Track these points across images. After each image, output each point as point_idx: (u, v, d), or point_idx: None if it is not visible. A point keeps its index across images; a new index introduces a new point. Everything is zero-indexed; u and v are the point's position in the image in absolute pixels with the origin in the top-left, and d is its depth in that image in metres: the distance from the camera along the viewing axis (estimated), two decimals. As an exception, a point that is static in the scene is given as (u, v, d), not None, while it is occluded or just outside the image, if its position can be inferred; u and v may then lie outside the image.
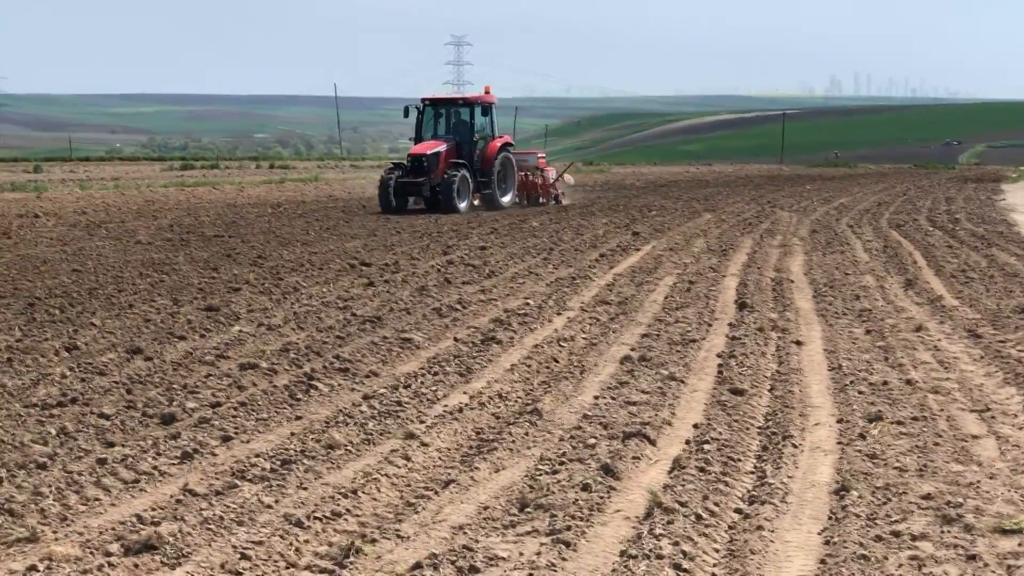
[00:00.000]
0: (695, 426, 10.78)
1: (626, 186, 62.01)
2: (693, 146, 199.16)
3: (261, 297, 19.06)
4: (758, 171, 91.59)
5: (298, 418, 11.38)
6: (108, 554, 7.66)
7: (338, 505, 8.67)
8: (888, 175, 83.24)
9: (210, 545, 7.86)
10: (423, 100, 41.76)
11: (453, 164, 40.02)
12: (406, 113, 41.64)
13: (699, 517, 8.16)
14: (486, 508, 8.60)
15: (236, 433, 10.75)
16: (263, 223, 34.80)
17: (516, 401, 12.13)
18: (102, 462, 9.72)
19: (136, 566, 7.51)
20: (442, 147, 40.21)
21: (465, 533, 8.04)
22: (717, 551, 7.73)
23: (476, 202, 41.18)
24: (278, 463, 9.75)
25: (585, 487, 8.80)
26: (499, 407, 11.87)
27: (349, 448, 10.30)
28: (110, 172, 72.48)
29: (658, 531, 7.81)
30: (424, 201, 40.23)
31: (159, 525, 8.06)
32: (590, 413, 11.27)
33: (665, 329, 15.89)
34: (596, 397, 11.97)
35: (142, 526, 8.17)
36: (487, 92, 42.03)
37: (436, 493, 9.09)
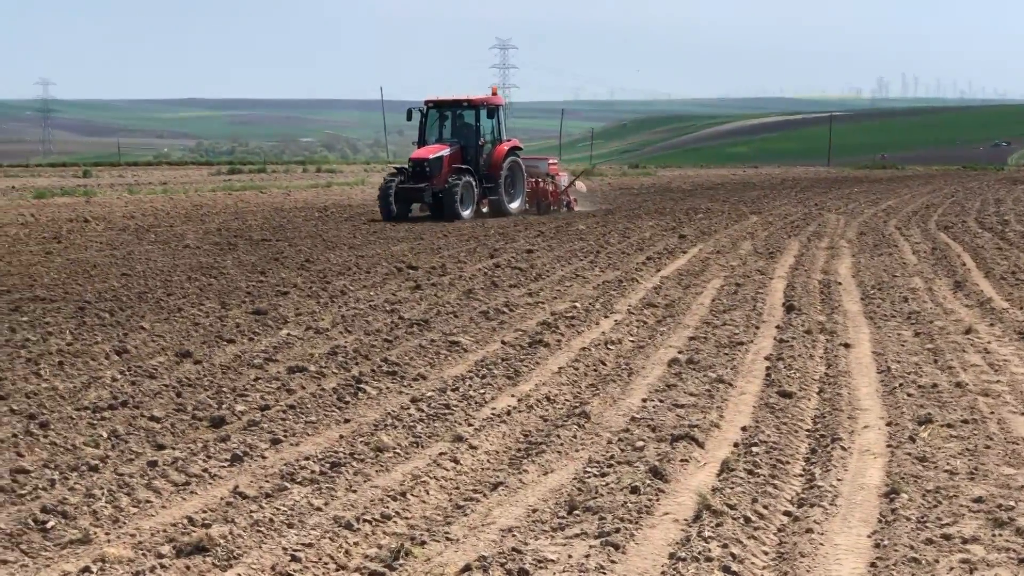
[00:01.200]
0: (743, 429, 10.76)
1: (672, 189, 61.90)
2: (739, 149, 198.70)
3: (309, 300, 19.12)
4: (805, 173, 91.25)
5: (346, 421, 11.42)
6: (160, 556, 7.72)
7: (387, 507, 8.71)
8: (936, 177, 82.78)
9: (260, 547, 7.90)
10: (426, 102, 39.92)
11: (457, 169, 38.12)
12: (409, 116, 39.70)
13: (748, 520, 8.14)
14: (535, 510, 8.61)
15: (285, 436, 10.80)
16: (310, 227, 34.90)
17: (564, 404, 12.14)
18: (153, 464, 9.79)
19: (187, 568, 7.56)
20: (445, 151, 38.27)
21: (514, 535, 8.05)
22: (766, 554, 7.71)
23: (485, 209, 39.53)
24: (327, 466, 9.79)
25: (634, 489, 8.80)
26: (547, 410, 11.88)
27: (398, 451, 10.33)
28: (158, 177, 72.88)
29: (707, 533, 7.80)
30: (428, 208, 38.60)
31: (210, 527, 8.11)
32: (638, 415, 11.26)
33: (712, 332, 15.86)
34: (644, 400, 11.97)
35: (193, 528, 8.23)
36: (494, 93, 40.21)
37: (485, 495, 9.11)
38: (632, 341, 15.55)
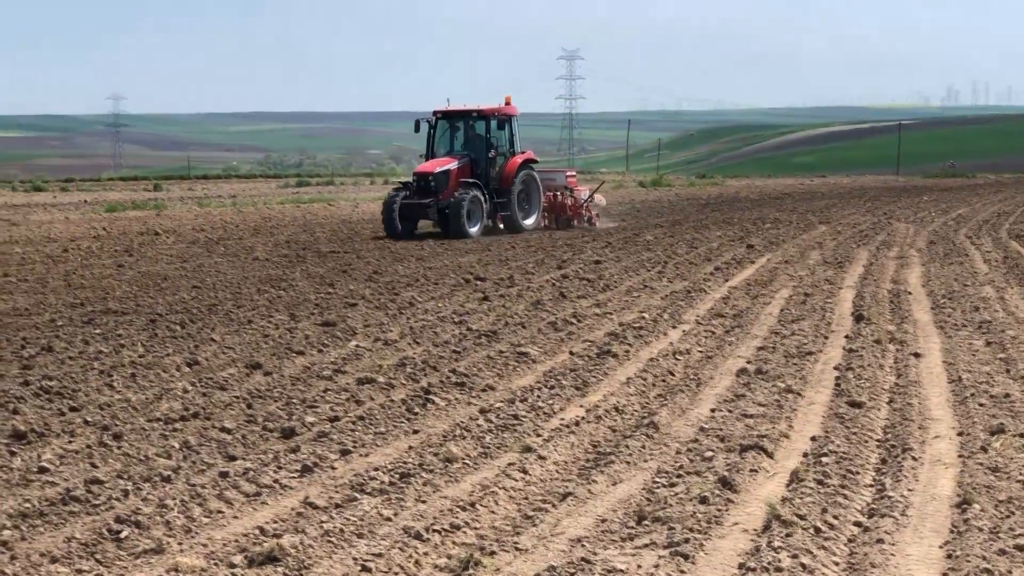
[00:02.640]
0: (813, 439, 10.72)
1: (740, 199, 61.69)
2: (807, 158, 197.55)
3: (377, 312, 19.22)
4: (873, 182, 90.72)
5: (416, 432, 11.47)
6: (232, 565, 7.78)
7: (457, 518, 8.74)
8: (1007, 185, 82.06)
9: (331, 557, 7.95)
10: (435, 112, 37.82)
11: (464, 184, 36.14)
12: (417, 127, 37.74)
13: (818, 530, 8.11)
14: (604, 521, 8.62)
15: (355, 447, 10.86)
16: (378, 239, 35.06)
17: (632, 414, 12.14)
18: (224, 475, 9.87)
19: (259, 577, 7.62)
20: (452, 164, 36.35)
21: (583, 546, 8.06)
22: (837, 564, 7.68)
23: (501, 225, 37.54)
24: (397, 476, 9.84)
25: (703, 500, 8.79)
26: (615, 420, 11.88)
27: (467, 461, 10.36)
28: (227, 190, 73.43)
29: (777, 544, 7.78)
30: (439, 224, 36.59)
31: (281, 537, 8.17)
32: (707, 426, 11.25)
33: (781, 342, 15.81)
34: (712, 410, 11.95)
35: (264, 538, 8.29)
36: (507, 103, 37.83)
37: (554, 506, 9.13)
38: (700, 351, 15.53)
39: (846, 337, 16.10)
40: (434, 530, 8.45)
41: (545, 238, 34.80)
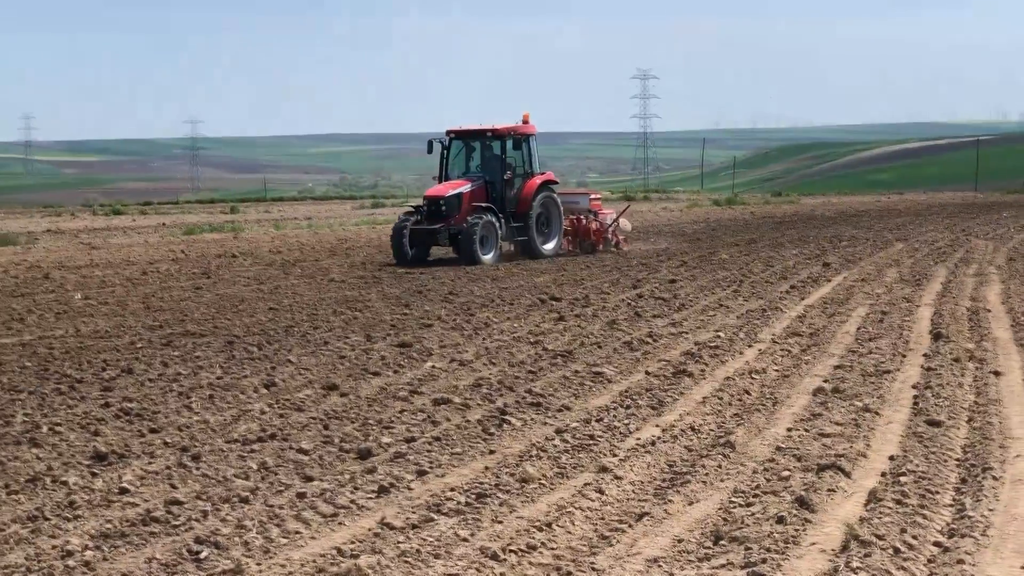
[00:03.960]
0: (891, 458, 10.64)
1: (815, 216, 61.34)
2: (883, 175, 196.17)
3: (453, 333, 19.27)
4: (951, 199, 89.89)
5: (491, 452, 11.48)
6: (310, 586, 7.83)
7: (533, 538, 8.75)
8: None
9: (408, 577, 7.98)
10: (448, 132, 35.73)
11: (477, 207, 34.23)
12: (430, 148, 35.77)
13: (897, 550, 8.05)
14: (680, 541, 8.60)
15: (431, 467, 10.90)
16: (452, 260, 35.14)
17: (708, 433, 12.11)
18: (302, 496, 9.94)
19: (337, 598, 7.66)
20: (465, 187, 34.49)
21: (660, 566, 8.05)
22: (916, 585, 7.61)
23: (513, 249, 35.71)
24: (473, 496, 9.86)
25: (780, 519, 8.75)
26: (691, 440, 11.85)
27: (543, 481, 10.37)
28: (303, 211, 73.92)
29: (855, 564, 7.73)
30: (453, 249, 34.63)
31: (358, 558, 8.21)
32: (783, 445, 11.20)
33: (858, 360, 15.71)
34: (789, 429, 11.89)
35: (342, 559, 8.34)
36: (526, 121, 35.87)
37: (630, 526, 9.12)
38: (776, 370, 15.46)
39: (924, 355, 15.97)
40: (510, 551, 8.46)
41: (619, 258, 34.75)
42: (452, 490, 10.06)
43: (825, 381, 14.29)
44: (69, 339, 19.68)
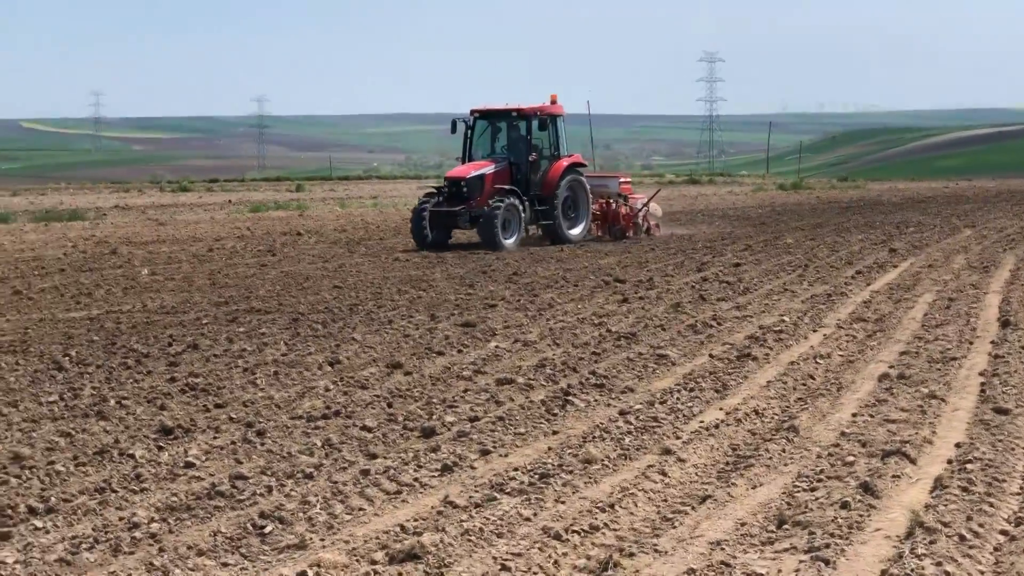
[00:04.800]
0: (957, 445, 10.55)
1: (882, 202, 60.94)
2: (951, 161, 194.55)
3: (517, 313, 19.28)
4: (1020, 185, 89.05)
5: (555, 433, 11.49)
6: (373, 562, 7.87)
7: (596, 519, 8.75)
8: None
9: (471, 556, 8.00)
10: (472, 112, 34.70)
11: (500, 190, 33.02)
12: (454, 128, 34.59)
13: (962, 538, 7.99)
14: (743, 524, 8.58)
15: (494, 447, 10.91)
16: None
17: (772, 418, 12.06)
18: (365, 473, 9.98)
19: (400, 574, 7.69)
20: (488, 168, 33.37)
21: (723, 549, 8.03)
22: (982, 573, 7.55)
23: (540, 233, 34.95)
24: (536, 477, 9.87)
25: (844, 505, 8.71)
26: (755, 423, 11.81)
27: (606, 463, 10.37)
28: (368, 191, 74.17)
29: (920, 551, 7.68)
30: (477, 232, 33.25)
31: (421, 535, 8.24)
32: (848, 430, 11.14)
33: (924, 347, 15.60)
34: (854, 414, 11.82)
35: (405, 536, 8.37)
36: (553, 101, 34.64)
37: (693, 508, 9.10)
38: (841, 355, 15.38)
39: (992, 343, 15.83)
40: (573, 531, 8.47)
41: (685, 240, 34.64)
42: (515, 470, 10.07)
43: (891, 367, 14.20)
44: (136, 314, 19.86)
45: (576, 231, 34.68)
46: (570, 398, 12.76)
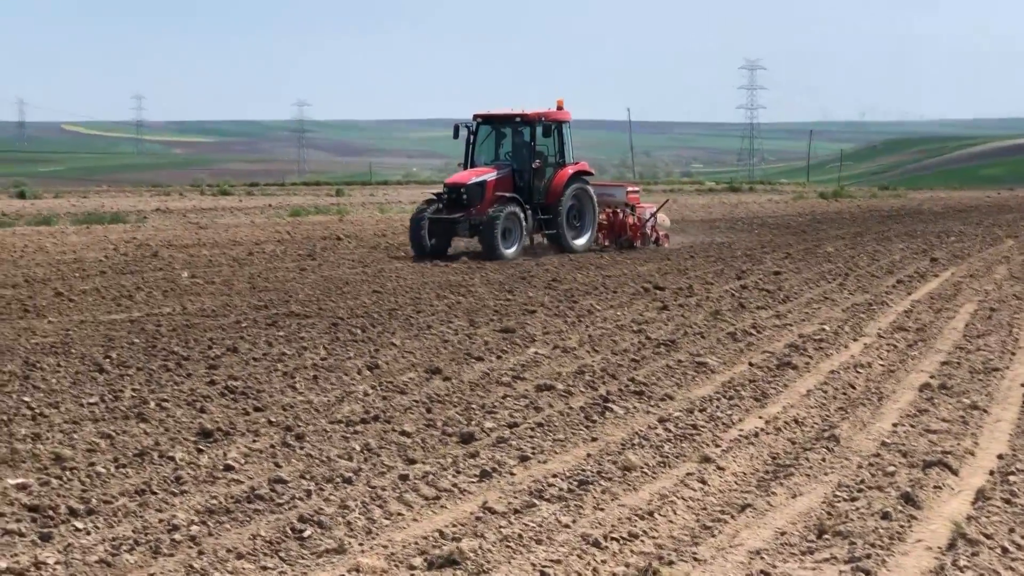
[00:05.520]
0: (999, 456, 10.49)
1: (923, 211, 60.67)
2: (994, 170, 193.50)
3: (556, 319, 19.27)
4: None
5: (594, 440, 11.47)
6: (412, 567, 7.87)
7: (635, 526, 8.73)
8: None
9: (510, 562, 7.99)
10: (475, 116, 33.61)
11: (501, 198, 31.96)
12: (456, 133, 33.55)
13: (1005, 550, 7.93)
14: (783, 533, 8.55)
15: (533, 453, 10.90)
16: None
17: (812, 427, 12.01)
18: (404, 478, 9.99)
19: (439, 580, 7.70)
20: (490, 175, 32.31)
21: (762, 558, 8.00)
22: (1024, 585, 7.50)
23: (546, 243, 33.97)
24: (575, 483, 9.86)
25: (885, 515, 8.66)
26: (795, 432, 11.77)
27: (645, 470, 10.35)
28: (407, 195, 74.16)
29: (962, 563, 7.63)
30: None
31: (460, 541, 8.24)
32: (889, 440, 11.09)
33: (966, 357, 15.51)
34: (895, 424, 11.77)
35: (444, 541, 8.37)
36: (559, 107, 33.66)
37: (732, 517, 9.07)
38: (882, 365, 15.31)
39: (1034, 353, 15.73)
40: (612, 538, 8.45)
41: (724, 248, 34.55)
42: (554, 476, 10.06)
43: (932, 377, 14.13)
44: (176, 317, 19.94)
45: (580, 241, 33.74)
46: (609, 405, 12.75)
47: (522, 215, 31.89)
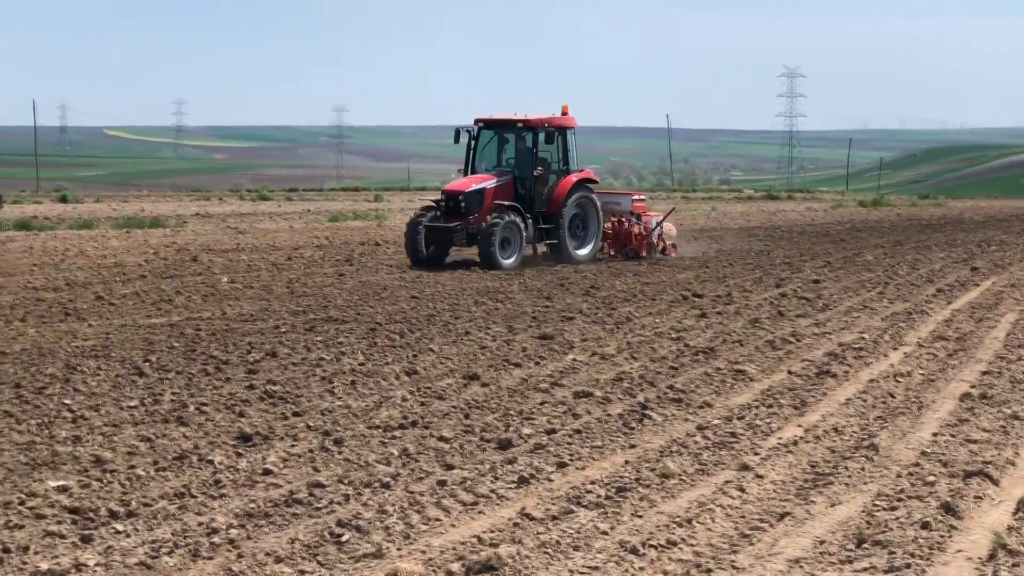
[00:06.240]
0: (1041, 467, 10.43)
1: (964, 220, 60.36)
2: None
3: (594, 326, 19.26)
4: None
5: (632, 447, 11.46)
6: (450, 573, 7.88)
7: (673, 534, 8.72)
8: None
9: (547, 569, 8.00)
10: (476, 121, 32.47)
11: (500, 206, 30.71)
12: (457, 138, 32.48)
13: (1046, 561, 7.89)
14: (822, 542, 8.52)
15: (571, 460, 10.91)
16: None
17: (852, 435, 11.96)
18: (442, 484, 10.00)
19: (476, 585, 7.70)
20: (490, 183, 31.09)
21: (801, 567, 7.98)
22: (1065, 597, 7.46)
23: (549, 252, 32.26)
24: (613, 490, 9.85)
25: (925, 525, 8.63)
26: (834, 441, 11.73)
27: (683, 478, 10.33)
28: (446, 202, 74.21)
29: (1003, 574, 7.60)
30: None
31: (498, 547, 8.25)
32: (928, 450, 11.04)
33: (1007, 367, 15.43)
34: (935, 434, 11.72)
35: (482, 547, 8.38)
36: (564, 112, 32.35)
37: (771, 525, 9.04)
38: (922, 374, 15.23)
39: (1076, 364, 15.63)
40: (650, 545, 8.44)
41: (763, 256, 34.44)
42: (592, 483, 10.06)
43: (972, 387, 14.07)
44: (215, 321, 20.01)
45: (584, 251, 32.21)
46: (648, 412, 12.73)
47: (522, 224, 30.79)
